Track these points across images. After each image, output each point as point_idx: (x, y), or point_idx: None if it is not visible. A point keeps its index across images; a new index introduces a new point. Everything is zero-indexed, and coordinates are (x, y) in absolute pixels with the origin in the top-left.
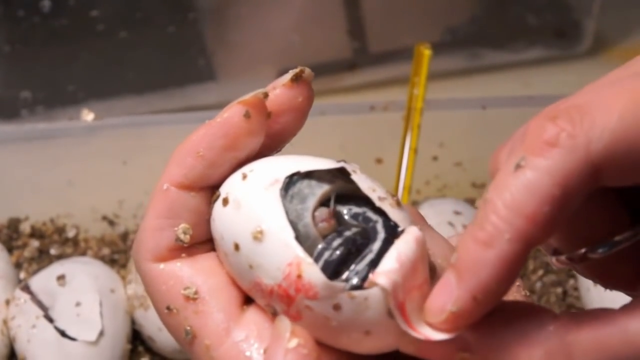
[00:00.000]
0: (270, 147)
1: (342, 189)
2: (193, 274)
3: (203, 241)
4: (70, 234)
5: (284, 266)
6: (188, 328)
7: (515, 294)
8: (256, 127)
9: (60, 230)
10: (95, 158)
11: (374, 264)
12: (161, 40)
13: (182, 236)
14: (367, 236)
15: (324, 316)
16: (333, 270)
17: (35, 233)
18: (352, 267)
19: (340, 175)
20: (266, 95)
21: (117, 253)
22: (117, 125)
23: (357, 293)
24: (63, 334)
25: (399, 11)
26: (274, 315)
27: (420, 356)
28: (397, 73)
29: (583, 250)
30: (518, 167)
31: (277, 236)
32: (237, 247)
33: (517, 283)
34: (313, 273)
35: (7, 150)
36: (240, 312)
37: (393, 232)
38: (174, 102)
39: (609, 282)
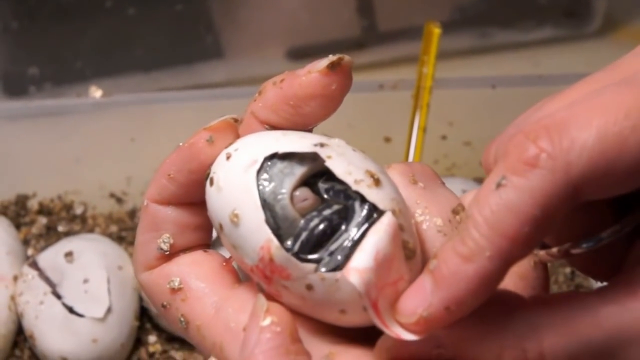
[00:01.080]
0: (297, 125)
1: (323, 165)
2: (177, 269)
3: (189, 247)
4: (78, 210)
5: (257, 249)
6: (181, 317)
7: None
8: (220, 151)
9: (68, 207)
10: (103, 135)
11: (348, 248)
12: (169, 17)
13: (163, 245)
14: (345, 215)
15: (300, 295)
16: (310, 250)
17: (43, 210)
18: (327, 247)
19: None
20: (235, 120)
21: (124, 230)
22: (125, 103)
23: (327, 275)
24: (71, 310)
25: None
26: (261, 291)
27: (396, 355)
28: (406, 52)
29: (568, 245)
30: (499, 185)
31: (251, 220)
32: (221, 227)
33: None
34: (282, 256)
35: (15, 126)
36: (230, 291)
37: (370, 213)
38: (181, 80)
39: (592, 273)
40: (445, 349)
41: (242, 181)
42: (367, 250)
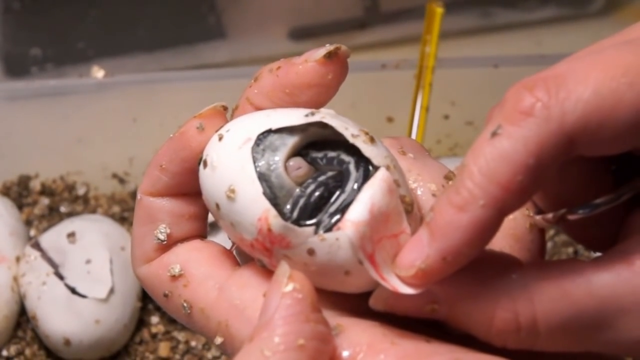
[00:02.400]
0: None
1: (316, 135)
2: (176, 257)
3: (186, 237)
4: (81, 191)
5: (255, 221)
6: (184, 303)
7: (519, 218)
8: (210, 137)
9: (71, 188)
10: (106, 115)
11: (346, 206)
12: None
13: (160, 235)
14: (340, 178)
15: (303, 262)
16: (309, 215)
17: (46, 190)
18: (325, 210)
19: (313, 123)
20: (225, 107)
21: (127, 211)
22: (127, 83)
23: (327, 235)
24: (73, 291)
25: None
26: (263, 267)
27: (390, 311)
28: (408, 32)
29: (563, 211)
30: (494, 134)
31: (247, 193)
32: (218, 207)
33: (527, 212)
34: (280, 224)
35: (17, 107)
36: (232, 272)
37: (366, 172)
38: (184, 60)
39: (588, 243)
40: (440, 306)
41: (236, 158)
42: (362, 203)
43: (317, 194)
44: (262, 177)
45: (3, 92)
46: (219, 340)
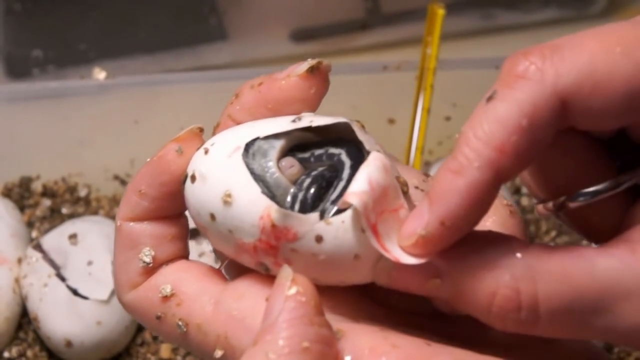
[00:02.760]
0: None
1: (299, 138)
2: (164, 278)
3: (170, 260)
4: (82, 193)
5: (257, 221)
6: (179, 322)
7: (500, 207)
8: (189, 160)
9: (72, 189)
10: (107, 117)
11: (346, 189)
12: None
13: (145, 258)
14: (335, 169)
15: (311, 254)
16: (310, 207)
17: (47, 192)
18: (327, 199)
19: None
20: (201, 129)
21: None
22: (128, 84)
23: (333, 219)
24: (75, 292)
25: None
26: (266, 272)
27: (394, 287)
28: (410, 33)
29: (563, 198)
30: (489, 99)
31: (244, 195)
32: (213, 217)
33: (505, 202)
34: (284, 216)
35: (19, 109)
36: (225, 286)
37: (359, 157)
38: (185, 62)
39: (589, 233)
40: (443, 280)
41: (227, 165)
42: (361, 178)
43: (315, 186)
44: (258, 179)
45: (4, 94)
46: (219, 353)
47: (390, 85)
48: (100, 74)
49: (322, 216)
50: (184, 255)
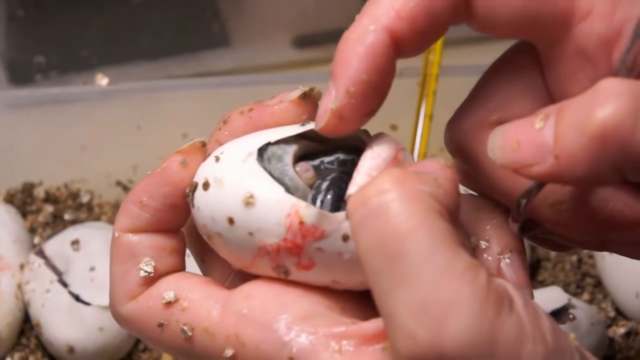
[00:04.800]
0: None
1: (308, 147)
2: (167, 286)
3: (170, 271)
4: (85, 199)
5: (283, 219)
6: (183, 327)
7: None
8: (194, 173)
9: (74, 195)
10: (109, 123)
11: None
12: (175, 5)
13: (146, 268)
14: (349, 173)
15: (337, 252)
16: (330, 209)
17: (50, 198)
18: (345, 200)
19: (301, 137)
20: (204, 143)
21: None
22: (131, 90)
23: None
24: (77, 298)
25: None
26: (285, 274)
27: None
28: None
29: (516, 204)
30: None
31: (268, 194)
32: (231, 221)
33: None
34: (313, 214)
35: (21, 115)
36: (230, 291)
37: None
38: (187, 68)
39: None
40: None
41: (243, 169)
42: (360, 170)
43: (334, 188)
44: (277, 181)
45: (7, 100)
46: (229, 352)
47: (393, 91)
48: (102, 80)
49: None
50: (182, 269)
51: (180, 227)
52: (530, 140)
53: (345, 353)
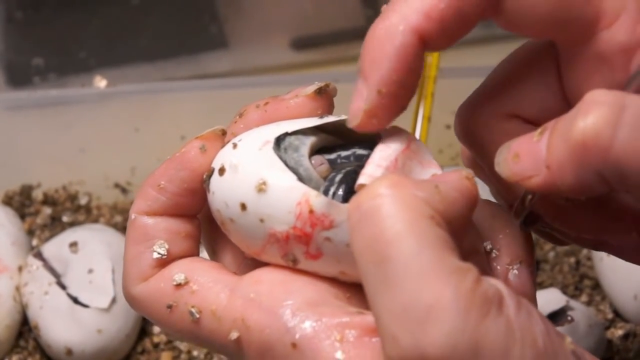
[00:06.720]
0: None
1: (325, 141)
2: (178, 269)
3: (183, 255)
4: (83, 201)
5: (293, 207)
6: (192, 309)
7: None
8: (212, 159)
9: (73, 198)
10: (108, 125)
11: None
12: (174, 7)
13: (160, 250)
14: (362, 164)
15: (345, 243)
16: (342, 201)
17: (48, 200)
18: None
19: (319, 130)
20: (224, 131)
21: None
22: (129, 92)
23: None
24: (75, 300)
25: None
26: (294, 263)
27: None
28: None
29: (518, 201)
30: None
31: (280, 181)
32: (243, 206)
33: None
34: (323, 203)
35: (20, 117)
36: (240, 277)
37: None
38: (186, 70)
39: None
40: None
41: (259, 157)
42: (370, 161)
43: (347, 180)
44: (292, 171)
45: (5, 102)
46: (234, 335)
47: None
48: (101, 82)
49: None
50: (196, 254)
51: (197, 213)
52: (528, 152)
53: (346, 343)
